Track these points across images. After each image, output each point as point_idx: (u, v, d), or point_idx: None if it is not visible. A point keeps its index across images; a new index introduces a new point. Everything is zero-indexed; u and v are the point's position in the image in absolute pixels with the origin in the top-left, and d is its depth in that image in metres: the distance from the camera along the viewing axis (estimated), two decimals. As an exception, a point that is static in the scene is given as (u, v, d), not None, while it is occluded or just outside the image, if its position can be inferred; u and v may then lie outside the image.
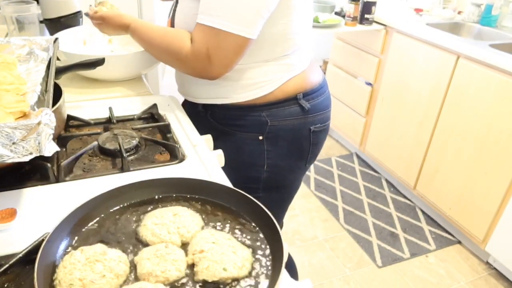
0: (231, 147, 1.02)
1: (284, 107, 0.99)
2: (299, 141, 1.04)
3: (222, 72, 0.88)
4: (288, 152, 1.04)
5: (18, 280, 0.53)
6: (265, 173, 1.05)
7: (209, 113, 1.04)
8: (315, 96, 1.03)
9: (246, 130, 1.01)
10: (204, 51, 0.84)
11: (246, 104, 0.98)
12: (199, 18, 0.83)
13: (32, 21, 1.28)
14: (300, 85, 1.00)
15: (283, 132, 1.00)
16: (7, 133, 0.58)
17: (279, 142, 1.02)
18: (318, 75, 1.06)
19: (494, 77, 1.74)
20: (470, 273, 1.94)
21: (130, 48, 1.33)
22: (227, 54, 0.84)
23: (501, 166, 1.77)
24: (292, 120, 1.00)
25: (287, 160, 1.06)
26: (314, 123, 1.03)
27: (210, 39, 0.83)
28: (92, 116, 0.97)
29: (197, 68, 0.88)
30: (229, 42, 0.83)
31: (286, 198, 1.18)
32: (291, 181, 1.13)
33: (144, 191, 0.66)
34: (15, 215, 0.64)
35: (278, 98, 0.98)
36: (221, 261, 0.53)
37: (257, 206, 0.61)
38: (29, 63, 0.90)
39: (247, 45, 0.85)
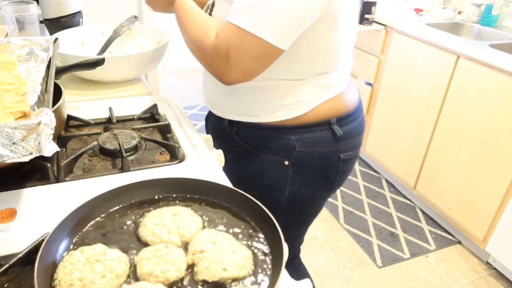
0: (254, 168, 0.97)
1: (315, 132, 0.90)
2: (326, 170, 0.96)
3: (239, 77, 0.79)
4: (313, 180, 0.96)
5: (18, 280, 0.53)
6: (285, 199, 0.98)
7: (235, 130, 0.97)
8: (349, 121, 0.94)
9: (272, 153, 0.93)
10: (224, 49, 0.75)
11: (275, 125, 0.91)
12: (229, 16, 0.76)
13: (32, 21, 1.28)
14: (335, 108, 0.91)
15: (311, 159, 0.92)
16: (7, 133, 0.58)
17: (305, 170, 0.94)
18: (355, 97, 0.97)
19: (494, 77, 1.74)
20: (470, 273, 1.94)
21: (128, 50, 1.33)
22: (248, 59, 0.76)
23: (501, 166, 1.77)
24: (322, 147, 0.92)
25: (310, 189, 0.98)
26: (344, 151, 0.94)
27: (233, 38, 0.74)
28: (92, 116, 0.97)
29: (214, 65, 0.80)
30: (252, 45, 0.74)
31: (303, 223, 1.11)
32: (311, 209, 1.06)
33: (144, 191, 0.66)
34: (15, 215, 0.64)
35: (310, 121, 0.90)
36: (221, 261, 0.53)
37: (257, 206, 0.61)
38: (29, 63, 0.90)
39: (273, 54, 0.76)
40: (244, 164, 0.98)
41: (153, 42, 1.33)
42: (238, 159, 0.99)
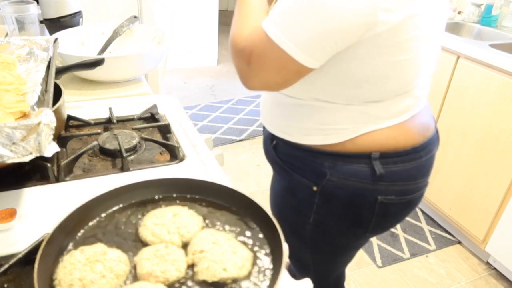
0: (286, 187, 0.93)
1: (351, 164, 0.80)
2: (359, 208, 0.85)
3: (257, 85, 0.75)
4: (341, 214, 0.87)
5: (18, 280, 0.53)
6: (310, 225, 0.92)
7: (274, 144, 0.92)
8: (399, 161, 0.80)
9: (303, 175, 0.87)
10: (248, 53, 0.72)
11: (309, 148, 0.84)
12: (264, 20, 0.71)
13: (32, 21, 1.28)
14: (380, 142, 0.79)
15: (341, 191, 0.83)
16: (7, 133, 0.58)
17: (333, 201, 0.85)
18: (417, 133, 0.82)
19: (494, 77, 1.74)
20: (470, 273, 1.94)
21: (128, 50, 1.33)
22: (268, 68, 0.71)
23: (501, 166, 1.77)
24: (356, 182, 0.81)
25: (338, 222, 0.89)
26: (385, 193, 0.82)
27: (258, 44, 0.70)
28: (92, 116, 0.97)
29: (237, 66, 0.76)
30: (274, 55, 0.69)
31: (334, 255, 1.01)
32: (342, 245, 0.97)
33: (144, 191, 0.66)
34: (15, 215, 0.64)
35: (347, 150, 0.80)
36: (221, 261, 0.53)
37: (257, 206, 0.61)
38: (29, 63, 0.90)
39: (296, 70, 0.70)
40: (279, 180, 0.96)
41: (153, 42, 1.33)
42: (275, 173, 0.98)
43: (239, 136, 3.00)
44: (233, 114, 3.32)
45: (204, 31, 4.20)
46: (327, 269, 1.09)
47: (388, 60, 0.71)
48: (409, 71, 0.75)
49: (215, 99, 3.60)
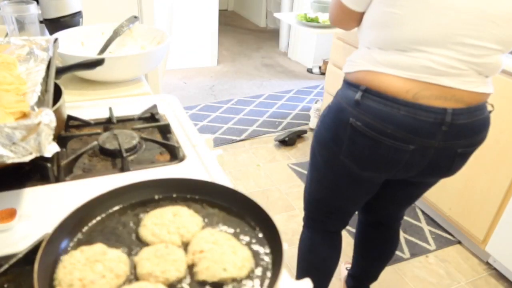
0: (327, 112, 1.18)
1: (347, 89, 1.05)
2: (338, 125, 1.07)
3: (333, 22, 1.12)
4: (329, 126, 1.11)
5: (18, 280, 0.53)
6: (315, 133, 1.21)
7: None
8: (376, 100, 0.98)
9: None
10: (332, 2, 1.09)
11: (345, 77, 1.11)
12: None
13: (32, 21, 1.28)
14: (369, 79, 1.00)
15: (334, 107, 1.08)
16: (7, 133, 0.58)
17: (330, 114, 1.10)
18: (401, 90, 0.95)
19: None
20: (470, 273, 1.94)
21: (128, 50, 1.33)
22: (332, 11, 1.09)
23: (501, 166, 1.77)
24: (343, 102, 1.05)
25: (325, 132, 1.12)
26: (356, 118, 1.01)
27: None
28: (92, 116, 0.97)
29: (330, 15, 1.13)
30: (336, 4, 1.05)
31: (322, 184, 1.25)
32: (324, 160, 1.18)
33: (144, 191, 0.66)
34: (15, 215, 0.64)
35: (349, 79, 1.06)
36: (221, 261, 0.53)
37: (257, 206, 0.61)
38: (29, 63, 0.90)
39: (345, 12, 1.03)
40: None
41: (153, 42, 1.33)
42: None
43: (239, 136, 3.00)
44: (233, 114, 3.32)
45: (204, 31, 4.20)
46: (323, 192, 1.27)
47: (385, 10, 0.93)
48: (404, 27, 0.91)
49: (215, 99, 3.61)
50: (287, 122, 3.24)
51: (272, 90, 3.84)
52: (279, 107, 3.49)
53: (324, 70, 4.21)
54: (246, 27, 5.92)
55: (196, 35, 4.18)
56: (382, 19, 0.94)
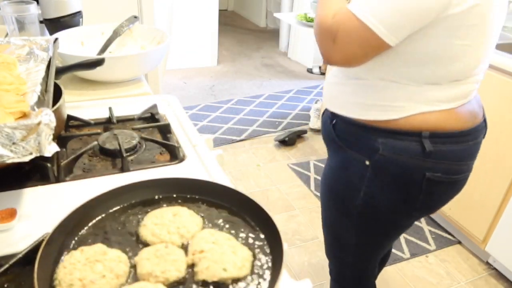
0: (339, 162, 1.00)
1: (402, 140, 0.87)
2: (407, 183, 0.91)
3: (340, 60, 0.83)
4: (391, 189, 0.93)
5: (18, 280, 0.53)
6: (360, 200, 0.97)
7: (334, 123, 1.00)
8: (448, 142, 0.87)
9: (357, 150, 0.94)
10: (335, 30, 0.79)
11: (366, 124, 0.90)
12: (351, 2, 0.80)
13: (32, 21, 1.28)
14: (431, 122, 0.86)
15: (392, 166, 0.89)
16: (7, 133, 0.58)
17: (384, 176, 0.92)
18: (468, 119, 0.88)
19: (494, 77, 1.74)
20: (470, 273, 1.94)
21: (128, 50, 1.33)
22: (351, 43, 0.79)
23: (501, 166, 1.77)
24: (406, 157, 0.87)
25: (388, 196, 0.94)
26: (432, 170, 0.88)
27: (345, 22, 0.78)
28: (92, 116, 0.97)
29: (323, 43, 0.83)
30: (358, 31, 0.77)
31: (381, 234, 1.06)
32: (390, 220, 1.01)
33: (144, 191, 0.66)
34: (15, 215, 0.64)
35: (400, 127, 0.87)
36: (221, 261, 0.53)
37: (257, 206, 0.61)
38: (29, 63, 0.90)
39: (376, 45, 0.78)
40: (333, 157, 1.03)
41: (153, 42, 1.33)
42: (330, 153, 1.05)
43: (239, 136, 3.00)
44: (233, 114, 3.32)
45: (204, 31, 4.20)
46: (366, 254, 1.13)
47: (454, 42, 0.78)
48: (471, 58, 0.82)
49: (215, 99, 3.61)
50: (287, 122, 3.24)
51: (272, 90, 3.84)
52: (279, 107, 3.49)
53: (324, 70, 4.22)
54: (246, 27, 5.92)
55: (196, 35, 4.18)
56: (448, 53, 0.80)
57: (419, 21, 0.75)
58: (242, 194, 0.64)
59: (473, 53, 0.81)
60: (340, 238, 1.12)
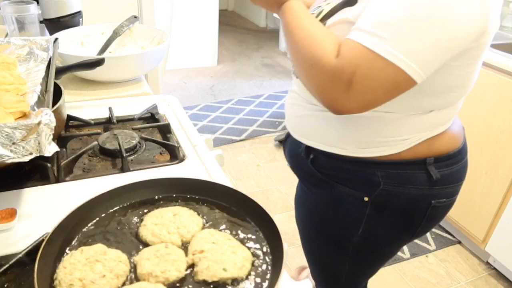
0: (327, 200, 0.89)
1: (406, 170, 0.79)
2: (411, 214, 0.84)
3: (356, 109, 0.66)
4: (393, 223, 0.86)
5: (18, 280, 0.53)
6: (358, 237, 0.89)
7: (311, 158, 0.87)
8: (450, 164, 0.81)
9: (351, 186, 0.83)
10: (349, 74, 0.62)
11: (361, 159, 0.80)
12: (355, 34, 0.64)
13: (32, 21, 1.28)
14: (435, 147, 0.79)
15: (396, 200, 0.81)
16: (7, 133, 0.58)
17: (386, 210, 0.83)
18: (459, 135, 0.84)
19: (494, 77, 1.74)
20: (470, 273, 1.94)
21: (128, 50, 1.33)
22: (375, 89, 0.63)
23: (501, 166, 1.77)
24: (412, 188, 0.80)
25: (389, 231, 0.88)
26: (438, 197, 0.82)
27: (362, 63, 0.62)
28: (92, 116, 0.97)
29: (329, 89, 0.66)
30: (385, 74, 0.62)
31: (377, 264, 1.02)
32: (387, 252, 0.97)
33: (144, 191, 0.66)
34: (15, 215, 0.64)
35: (403, 158, 0.78)
36: (221, 261, 0.53)
37: (257, 206, 0.61)
38: (29, 63, 0.90)
39: (405, 87, 0.64)
40: (318, 193, 0.91)
41: (153, 42, 1.33)
42: (312, 187, 0.93)
43: (239, 136, 2.99)
44: (233, 114, 3.32)
45: (204, 31, 4.20)
46: (358, 280, 1.08)
47: (468, 70, 0.72)
48: (472, 81, 0.76)
49: (215, 99, 3.60)
50: (287, 122, 3.24)
51: (272, 90, 3.84)
52: (279, 107, 3.49)
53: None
54: (246, 27, 5.92)
55: (196, 35, 4.18)
56: (461, 81, 0.74)
57: (452, 54, 0.65)
58: (242, 194, 0.64)
59: (474, 77, 0.77)
60: (330, 269, 1.04)
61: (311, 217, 0.97)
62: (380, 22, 0.62)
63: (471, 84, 0.77)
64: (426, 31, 0.60)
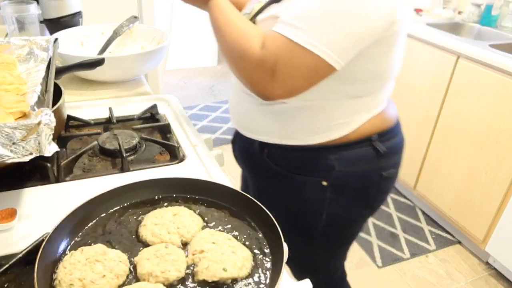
0: (287, 192, 0.92)
1: (355, 150, 0.85)
2: (367, 189, 0.91)
3: (282, 94, 0.73)
4: (353, 201, 0.91)
5: (18, 280, 0.53)
6: (323, 222, 0.93)
7: (266, 152, 0.92)
8: (391, 137, 0.90)
9: (308, 174, 0.88)
10: (272, 62, 0.69)
11: (313, 147, 0.85)
12: (278, 27, 0.70)
13: (32, 21, 1.28)
14: (377, 125, 0.87)
15: (352, 179, 0.87)
16: (7, 133, 0.58)
17: (345, 190, 0.89)
18: (394, 112, 0.93)
19: (494, 77, 1.74)
20: (470, 273, 1.94)
21: (128, 50, 1.33)
22: (297, 76, 0.70)
23: (501, 166, 1.77)
24: (363, 165, 0.87)
25: (351, 210, 0.93)
26: (386, 168, 0.90)
27: (283, 52, 0.68)
28: (92, 116, 0.97)
29: (256, 78, 0.72)
30: (305, 62, 0.68)
31: (346, 243, 1.06)
32: (353, 231, 1.02)
33: (144, 191, 0.66)
34: (15, 215, 0.64)
35: (351, 139, 0.85)
36: (221, 261, 0.53)
37: (257, 206, 0.61)
38: (29, 63, 0.90)
39: (326, 73, 0.71)
40: (277, 187, 0.94)
41: (153, 42, 1.33)
42: (270, 182, 0.95)
43: (239, 136, 2.99)
44: (233, 114, 3.32)
45: (204, 31, 4.20)
46: (335, 264, 1.12)
47: (392, 57, 0.79)
48: (394, 67, 0.83)
49: (215, 99, 3.60)
50: (287, 122, 3.24)
51: (272, 90, 3.84)
52: (279, 107, 3.49)
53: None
54: (246, 27, 5.91)
55: (196, 35, 4.18)
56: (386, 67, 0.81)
57: (367, 42, 0.71)
58: (242, 194, 0.64)
59: (399, 63, 0.84)
60: (306, 262, 1.05)
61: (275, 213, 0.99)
62: (299, 14, 0.68)
63: (392, 70, 0.83)
64: (339, 22, 0.67)
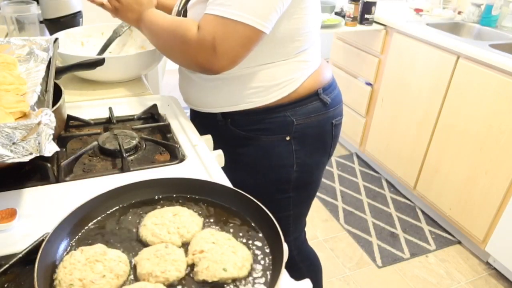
0: (257, 153, 1.02)
1: (307, 104, 0.98)
2: (324, 136, 1.05)
3: (227, 65, 0.82)
4: (314, 149, 1.05)
5: (18, 280, 0.53)
6: (295, 173, 1.04)
7: (229, 121, 1.01)
8: (332, 90, 1.04)
9: (272, 133, 0.99)
10: (210, 40, 0.78)
11: (270, 106, 0.97)
12: (208, 9, 0.80)
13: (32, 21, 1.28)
14: (319, 80, 1.00)
15: (310, 129, 1.01)
16: (7, 133, 0.58)
17: (306, 140, 1.02)
18: (329, 69, 1.08)
19: (494, 77, 1.74)
20: (470, 273, 1.94)
21: (128, 50, 1.33)
22: (234, 46, 0.79)
23: (501, 166, 1.77)
24: (317, 116, 1.00)
25: (314, 157, 1.06)
26: (335, 117, 1.05)
27: (217, 29, 0.78)
28: (92, 116, 0.97)
29: (200, 57, 0.81)
30: (238, 32, 0.78)
31: (312, 194, 1.18)
32: (317, 177, 1.14)
33: (144, 191, 0.66)
34: (15, 215, 0.64)
35: (301, 95, 0.97)
36: (221, 261, 0.53)
37: (257, 206, 0.61)
38: (29, 63, 0.90)
39: (258, 38, 0.81)
40: (246, 152, 1.03)
41: (153, 42, 1.32)
42: (239, 149, 1.03)
43: (239, 136, 2.99)
44: (233, 114, 3.32)
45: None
46: (301, 223, 1.23)
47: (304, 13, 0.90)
48: (313, 22, 0.94)
49: (215, 99, 3.60)
50: (287, 122, 3.24)
51: (272, 90, 3.84)
52: (279, 107, 3.49)
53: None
54: (246, 27, 5.91)
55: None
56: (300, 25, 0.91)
57: (286, 4, 0.82)
58: (242, 194, 0.64)
59: (317, 20, 0.97)
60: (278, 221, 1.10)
61: (250, 178, 1.07)
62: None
63: (313, 25, 0.94)
64: None
